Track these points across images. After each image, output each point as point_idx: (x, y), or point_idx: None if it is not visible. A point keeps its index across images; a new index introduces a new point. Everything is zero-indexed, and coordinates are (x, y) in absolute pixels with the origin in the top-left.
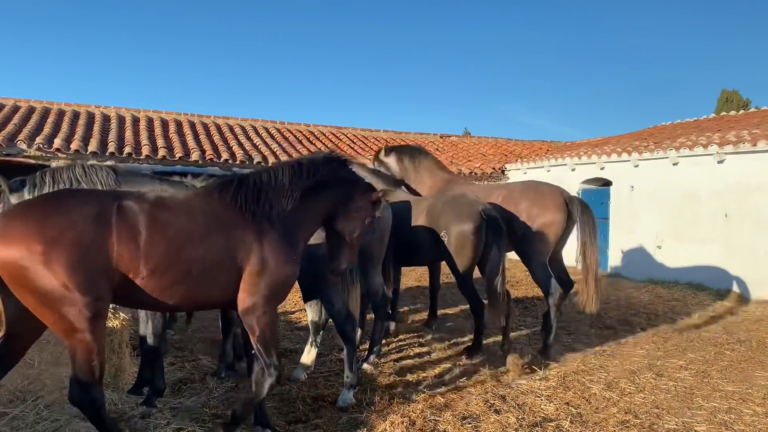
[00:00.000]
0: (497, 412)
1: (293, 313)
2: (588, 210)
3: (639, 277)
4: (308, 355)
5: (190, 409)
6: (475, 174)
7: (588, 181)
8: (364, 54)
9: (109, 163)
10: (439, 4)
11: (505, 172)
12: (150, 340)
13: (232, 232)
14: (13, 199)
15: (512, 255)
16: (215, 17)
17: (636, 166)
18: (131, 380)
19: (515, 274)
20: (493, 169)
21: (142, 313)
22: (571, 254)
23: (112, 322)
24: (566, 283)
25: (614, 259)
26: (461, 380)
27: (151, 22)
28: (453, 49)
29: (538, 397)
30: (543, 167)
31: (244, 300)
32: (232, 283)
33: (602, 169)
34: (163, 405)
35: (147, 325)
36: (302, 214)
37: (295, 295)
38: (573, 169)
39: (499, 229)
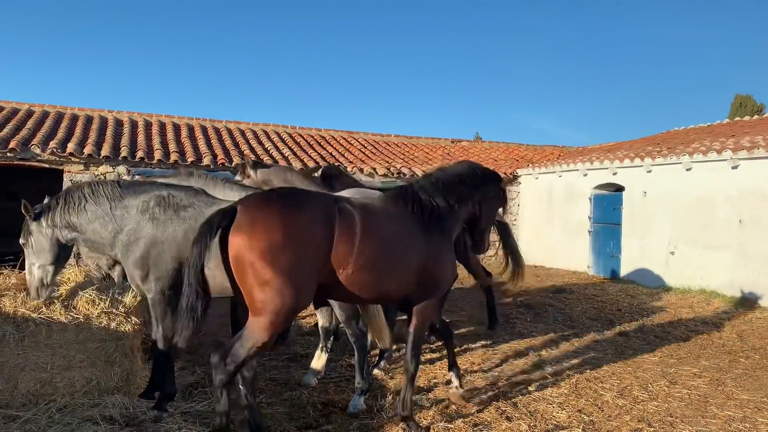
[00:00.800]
0: (509, 419)
1: (304, 317)
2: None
3: (652, 283)
4: (318, 360)
5: (201, 413)
6: None
7: (600, 187)
8: (375, 60)
9: (121, 167)
10: (449, 9)
11: (517, 178)
12: (161, 345)
13: (416, 235)
14: (33, 227)
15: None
16: (227, 24)
17: (649, 171)
18: (143, 384)
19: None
20: (505, 174)
21: (153, 318)
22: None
23: (124, 326)
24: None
25: (627, 265)
26: (473, 386)
27: (163, 28)
28: (464, 54)
29: (550, 404)
30: (555, 172)
31: (420, 296)
32: (410, 280)
33: (615, 174)
34: (174, 409)
35: (158, 329)
36: (457, 217)
37: None
38: (585, 175)
39: None
